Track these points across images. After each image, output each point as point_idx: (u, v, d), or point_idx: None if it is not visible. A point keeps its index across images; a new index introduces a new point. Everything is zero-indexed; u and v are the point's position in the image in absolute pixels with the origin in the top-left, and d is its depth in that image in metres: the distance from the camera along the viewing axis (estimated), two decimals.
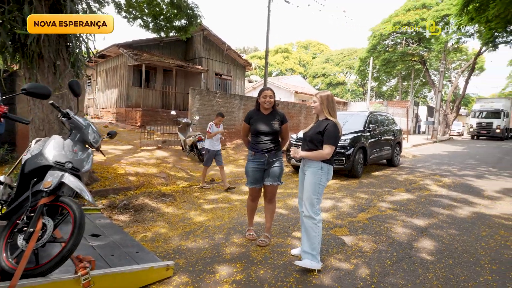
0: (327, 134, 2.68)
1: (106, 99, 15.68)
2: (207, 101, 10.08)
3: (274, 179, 3.16)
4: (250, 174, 3.17)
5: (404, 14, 24.08)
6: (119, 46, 13.22)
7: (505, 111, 21.61)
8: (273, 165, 3.14)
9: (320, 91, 2.90)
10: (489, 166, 9.62)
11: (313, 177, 2.73)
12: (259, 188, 3.23)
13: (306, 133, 2.88)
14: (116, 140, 9.67)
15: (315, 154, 2.71)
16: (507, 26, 12.59)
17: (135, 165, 6.65)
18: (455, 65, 37.43)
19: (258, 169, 3.15)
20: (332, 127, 2.70)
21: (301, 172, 2.95)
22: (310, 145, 2.78)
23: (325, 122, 2.75)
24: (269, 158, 3.12)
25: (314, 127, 2.83)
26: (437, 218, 4.27)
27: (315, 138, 2.74)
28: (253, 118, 3.19)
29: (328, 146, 2.67)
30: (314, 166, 2.74)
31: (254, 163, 3.15)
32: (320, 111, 2.83)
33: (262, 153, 3.12)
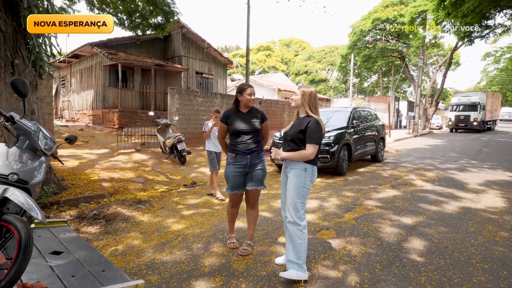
0: (310, 132, 2.48)
1: (81, 101, 15.00)
2: (187, 101, 9.73)
3: (257, 183, 2.92)
4: (231, 179, 2.92)
5: (382, 11, 24.41)
6: (93, 45, 12.63)
7: (482, 104, 22.26)
8: (255, 168, 2.91)
9: (304, 86, 2.70)
10: (470, 158, 9.77)
11: (297, 180, 2.52)
12: (240, 194, 2.99)
13: (286, 132, 2.67)
14: (91, 144, 9.19)
15: (297, 154, 2.50)
16: (482, 21, 12.88)
17: (110, 170, 6.26)
18: (432, 60, 38.43)
19: (240, 172, 2.90)
20: (314, 125, 2.49)
21: (283, 174, 2.73)
22: (291, 145, 2.57)
23: (306, 120, 2.55)
24: (252, 160, 2.88)
25: (295, 126, 2.61)
26: (425, 215, 4.17)
27: (296, 137, 2.53)
28: (231, 118, 2.93)
29: (311, 146, 2.46)
30: (297, 168, 2.53)
31: (235, 167, 2.90)
32: (300, 105, 2.62)
33: (243, 154, 2.87)
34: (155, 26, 10.32)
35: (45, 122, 6.75)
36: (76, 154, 7.60)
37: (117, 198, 4.83)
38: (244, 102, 2.91)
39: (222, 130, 3.03)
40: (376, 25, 24.59)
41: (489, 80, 42.45)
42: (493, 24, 14.10)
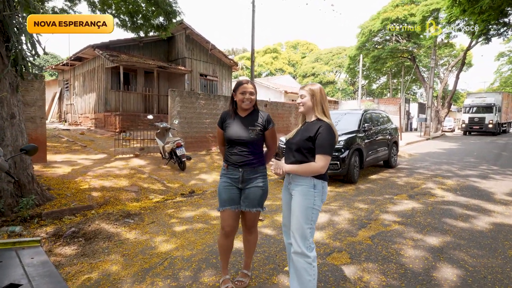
0: (321, 140, 1.99)
1: (84, 104, 14.75)
2: (189, 103, 9.32)
3: (252, 204, 2.36)
4: (222, 192, 2.38)
5: (392, 10, 23.79)
6: (95, 47, 12.36)
7: (497, 106, 21.37)
8: (250, 185, 2.35)
9: (309, 84, 2.19)
10: (490, 164, 9.11)
11: (304, 199, 2.02)
12: (235, 213, 2.38)
13: (291, 140, 2.17)
14: (89, 149, 8.84)
15: (304, 168, 2.00)
16: (499, 18, 12.19)
17: (103, 178, 5.85)
18: (442, 61, 37.46)
19: (232, 186, 2.37)
20: (327, 131, 2.01)
21: (285, 191, 2.24)
22: (297, 156, 2.08)
23: (316, 125, 2.06)
24: (245, 174, 2.34)
25: (302, 132, 2.12)
26: (452, 233, 3.62)
27: (304, 146, 2.04)
28: (227, 121, 2.41)
29: (323, 157, 1.98)
30: (304, 184, 2.04)
31: (227, 179, 2.38)
32: (310, 109, 2.13)
33: (235, 167, 2.35)
34: (158, 27, 9.97)
35: (37, 126, 6.39)
36: (71, 159, 7.23)
37: (106, 210, 4.39)
38: (239, 103, 2.37)
39: (219, 135, 2.52)
40: (386, 25, 23.94)
41: (502, 81, 41.15)
42: (509, 21, 13.39)
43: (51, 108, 18.18)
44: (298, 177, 2.07)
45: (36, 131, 6.39)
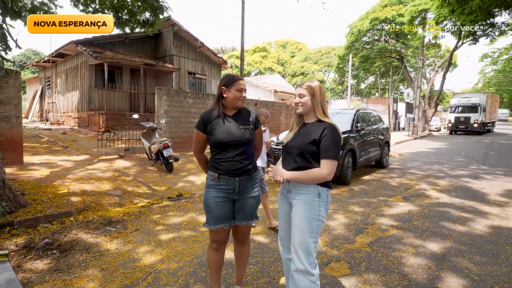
0: (326, 143, 1.78)
1: (67, 102, 14.17)
2: (177, 102, 8.99)
3: (249, 216, 2.12)
4: (213, 208, 2.06)
5: (381, 10, 23.91)
6: (78, 43, 11.84)
7: (482, 106, 21.77)
8: (247, 195, 2.09)
9: (306, 81, 1.96)
10: (479, 163, 9.15)
11: (308, 210, 1.81)
12: (227, 230, 2.13)
13: (290, 144, 1.95)
14: (71, 149, 8.41)
15: (309, 175, 1.78)
16: (487, 18, 12.33)
17: (84, 181, 5.50)
18: (428, 62, 38.08)
19: (225, 200, 2.07)
20: (333, 134, 1.80)
21: (283, 201, 2.02)
22: (299, 161, 1.85)
23: (319, 126, 1.85)
24: (241, 183, 2.07)
25: (303, 134, 1.90)
26: (452, 237, 3.48)
27: (307, 150, 1.82)
28: (213, 123, 2.07)
29: (329, 162, 1.77)
30: (307, 193, 1.83)
31: (219, 191, 2.06)
32: (310, 109, 1.92)
33: (230, 176, 2.05)
34: (144, 22, 9.59)
35: (12, 126, 5.97)
36: (50, 161, 6.82)
37: (86, 216, 4.08)
38: (230, 101, 2.07)
39: (199, 140, 2.14)
40: (375, 25, 24.07)
41: (486, 82, 42.21)
42: (496, 23, 13.57)
43: (31, 106, 17.46)
44: (300, 185, 1.85)
45: (11, 131, 5.97)
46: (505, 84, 39.75)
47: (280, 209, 2.05)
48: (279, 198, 2.07)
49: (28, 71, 33.64)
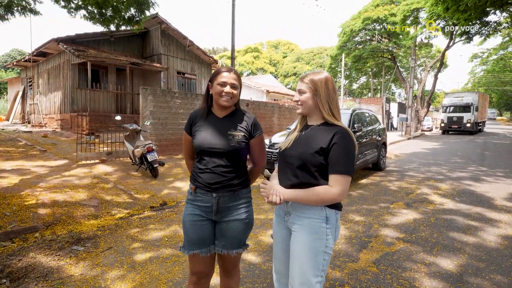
0: (338, 154, 1.37)
1: (49, 104, 13.52)
2: (163, 103, 8.50)
3: (231, 244, 1.70)
4: (188, 228, 1.69)
5: (373, 10, 23.78)
6: (59, 41, 11.24)
7: (475, 105, 21.75)
8: (229, 217, 1.70)
9: (310, 73, 1.53)
10: (477, 164, 8.90)
11: (312, 240, 1.41)
12: (207, 259, 1.72)
13: (288, 152, 1.53)
14: (49, 154, 7.85)
15: (315, 195, 1.37)
16: (481, 17, 12.17)
17: (56, 190, 4.99)
18: (419, 62, 38.25)
19: (201, 219, 1.69)
20: (345, 141, 1.39)
21: (279, 224, 1.61)
22: (301, 176, 1.44)
23: (327, 131, 1.44)
24: (221, 202, 1.68)
25: (306, 140, 1.48)
26: (465, 252, 3.11)
27: (312, 161, 1.41)
28: (198, 124, 1.74)
29: (341, 178, 1.36)
30: (312, 217, 1.42)
31: (196, 208, 1.70)
32: (313, 109, 1.51)
33: (206, 190, 1.67)
34: (129, 19, 9.10)
35: None
36: (23, 167, 6.27)
37: (54, 231, 3.58)
38: (214, 99, 1.71)
39: (186, 144, 1.82)
40: (367, 24, 23.93)
41: (476, 81, 42.65)
42: (489, 21, 13.45)
43: (13, 108, 16.70)
44: (303, 207, 1.44)
45: None
46: (494, 84, 40.22)
47: (275, 234, 1.63)
48: (275, 219, 1.65)
49: (14, 72, 32.57)
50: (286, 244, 1.55)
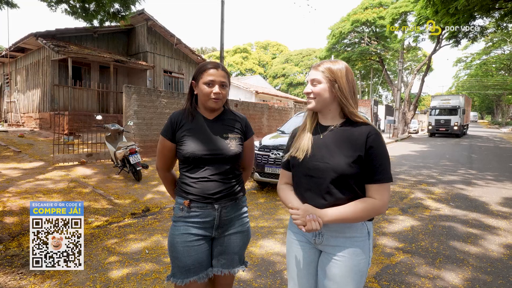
0: (377, 158, 1.16)
1: (27, 102, 12.85)
2: (148, 102, 8.12)
3: (234, 261, 1.49)
4: (182, 252, 1.42)
5: (362, 13, 23.91)
6: (38, 36, 10.66)
7: (462, 108, 22.08)
8: (231, 230, 1.49)
9: (326, 60, 1.27)
10: (466, 167, 8.90)
11: (358, 262, 1.20)
12: (203, 284, 1.48)
13: (310, 162, 1.24)
14: (24, 155, 7.35)
15: (360, 211, 1.15)
16: (469, 21, 12.29)
17: (28, 195, 4.57)
18: (406, 65, 38.87)
19: (200, 239, 1.44)
20: (381, 142, 1.19)
21: (304, 246, 1.33)
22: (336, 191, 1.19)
23: (358, 131, 1.20)
24: (224, 214, 1.46)
25: (333, 147, 1.21)
26: (468, 263, 2.92)
27: (350, 173, 1.16)
28: (184, 128, 1.48)
29: (385, 187, 1.17)
30: (354, 235, 1.22)
31: (190, 227, 1.44)
32: (328, 103, 1.24)
33: (206, 202, 1.44)
34: (114, 14, 8.66)
35: None
36: (1, 167, 5.80)
37: (21, 243, 3.21)
38: (200, 99, 1.48)
39: (165, 152, 1.53)
40: (356, 27, 24.04)
41: (459, 85, 43.68)
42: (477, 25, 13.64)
43: None
44: (342, 225, 1.21)
45: None
46: (478, 88, 41.27)
47: (296, 257, 1.34)
48: (293, 238, 1.36)
49: None
50: (313, 269, 1.31)
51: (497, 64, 34.04)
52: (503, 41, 26.08)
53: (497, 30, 13.52)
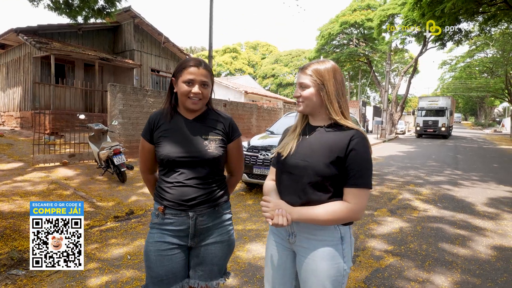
0: (357, 163, 1.12)
1: (7, 100, 12.39)
2: (134, 101, 7.91)
3: (210, 273, 1.38)
4: (154, 261, 1.34)
5: (350, 14, 24.13)
6: (18, 32, 10.28)
7: (449, 109, 22.37)
8: (209, 239, 1.38)
9: (315, 61, 1.23)
10: (452, 168, 9.04)
11: (329, 268, 1.14)
12: None
13: (291, 160, 1.22)
14: (2, 156, 7.04)
15: (331, 214, 1.11)
16: (454, 24, 12.53)
17: (3, 198, 4.34)
18: (393, 67, 39.49)
19: (175, 248, 1.35)
20: (364, 147, 1.14)
21: (279, 246, 1.30)
22: (311, 191, 1.15)
23: (341, 135, 1.16)
24: (199, 222, 1.36)
25: (315, 147, 1.19)
26: (457, 265, 2.90)
27: (326, 173, 1.13)
28: (161, 129, 1.40)
29: (361, 193, 1.13)
30: (325, 238, 1.17)
31: (164, 234, 1.36)
32: (317, 106, 1.21)
33: (180, 209, 1.34)
34: (99, 11, 8.43)
35: None
36: None
37: None
38: (180, 99, 1.38)
39: (145, 154, 1.46)
40: (345, 28, 24.24)
41: (444, 87, 44.65)
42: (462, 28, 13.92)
43: None
44: (313, 227, 1.17)
45: None
46: (462, 90, 42.27)
47: (273, 258, 1.30)
48: (271, 239, 1.33)
49: None
50: (288, 270, 1.26)
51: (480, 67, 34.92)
52: (486, 44, 26.75)
53: (481, 33, 13.85)
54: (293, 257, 1.27)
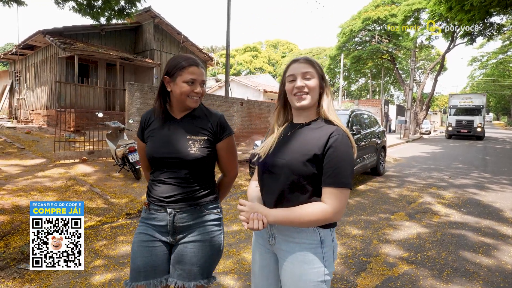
0: (336, 162, 1.06)
1: (36, 99, 12.99)
2: (151, 99, 8.03)
3: (188, 273, 1.31)
4: (135, 251, 1.34)
5: (373, 10, 23.39)
6: (45, 34, 10.72)
7: (485, 108, 20.29)
8: (188, 237, 1.34)
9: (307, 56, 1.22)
10: (480, 170, 8.50)
11: (307, 271, 1.08)
12: None
13: (270, 159, 1.18)
14: (27, 152, 7.37)
15: (307, 215, 1.05)
16: (485, 17, 11.78)
17: (23, 193, 4.51)
18: (418, 65, 37.96)
19: (155, 241, 1.35)
20: (344, 145, 1.08)
21: (261, 248, 1.26)
22: (288, 191, 1.12)
23: (322, 130, 1.12)
24: (177, 219, 1.33)
25: (293, 144, 1.15)
26: (479, 277, 2.68)
27: (302, 172, 1.09)
28: (150, 128, 1.42)
29: (338, 192, 1.05)
30: (303, 241, 1.12)
31: (148, 228, 1.37)
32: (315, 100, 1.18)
33: (160, 205, 1.35)
34: (120, 11, 8.63)
35: None
36: (2, 164, 5.79)
37: (8, 244, 3.12)
38: (177, 98, 1.36)
39: (140, 151, 1.52)
40: (367, 25, 23.54)
41: (474, 85, 42.43)
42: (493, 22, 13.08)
43: None
44: (291, 229, 1.13)
45: None
46: (494, 88, 40.01)
47: (256, 261, 1.27)
48: (254, 239, 1.30)
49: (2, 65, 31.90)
50: (270, 272, 1.22)
51: None
52: None
53: None
54: (276, 259, 1.22)
